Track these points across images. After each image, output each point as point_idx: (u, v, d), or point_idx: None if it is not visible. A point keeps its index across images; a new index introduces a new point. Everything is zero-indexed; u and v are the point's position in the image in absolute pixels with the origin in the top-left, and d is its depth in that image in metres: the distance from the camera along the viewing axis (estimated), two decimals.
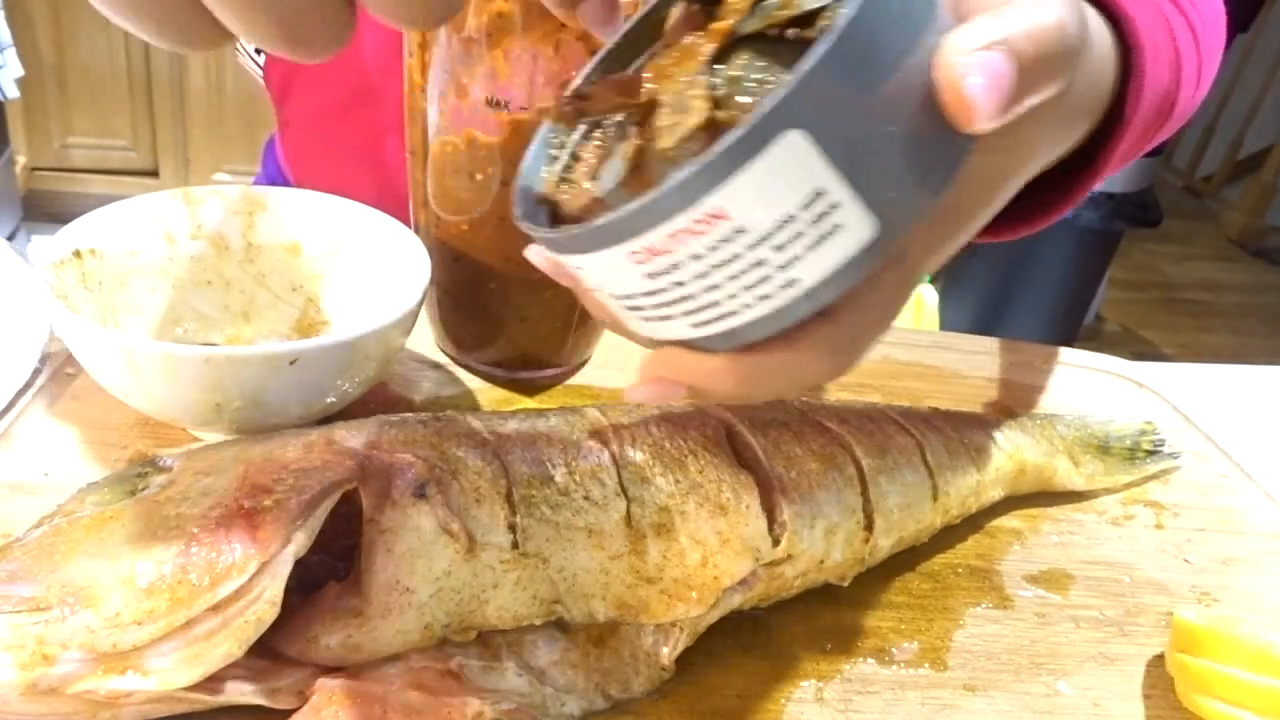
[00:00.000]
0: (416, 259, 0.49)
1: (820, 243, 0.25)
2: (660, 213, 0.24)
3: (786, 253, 0.25)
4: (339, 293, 0.54)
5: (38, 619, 0.30)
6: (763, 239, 0.25)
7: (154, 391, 0.41)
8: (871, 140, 0.24)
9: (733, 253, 0.25)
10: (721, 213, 0.24)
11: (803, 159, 0.24)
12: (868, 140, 0.24)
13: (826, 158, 0.24)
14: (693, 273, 0.26)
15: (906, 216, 0.26)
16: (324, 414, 0.45)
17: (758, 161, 0.23)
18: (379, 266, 0.52)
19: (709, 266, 0.26)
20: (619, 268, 0.27)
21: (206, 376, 0.40)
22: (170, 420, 0.44)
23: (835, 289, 0.26)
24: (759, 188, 0.24)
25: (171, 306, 0.51)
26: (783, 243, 0.25)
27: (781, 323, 0.27)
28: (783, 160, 0.23)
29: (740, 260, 0.25)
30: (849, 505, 0.43)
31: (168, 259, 0.51)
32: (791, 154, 0.23)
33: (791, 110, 0.23)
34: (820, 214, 0.25)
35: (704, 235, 0.25)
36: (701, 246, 0.25)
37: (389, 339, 0.44)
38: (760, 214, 0.24)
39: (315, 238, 0.53)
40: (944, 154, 0.26)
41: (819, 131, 0.23)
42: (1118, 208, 2.11)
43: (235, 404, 0.41)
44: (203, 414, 0.42)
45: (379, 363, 0.45)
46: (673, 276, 0.26)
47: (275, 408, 0.42)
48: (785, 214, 0.24)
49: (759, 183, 0.24)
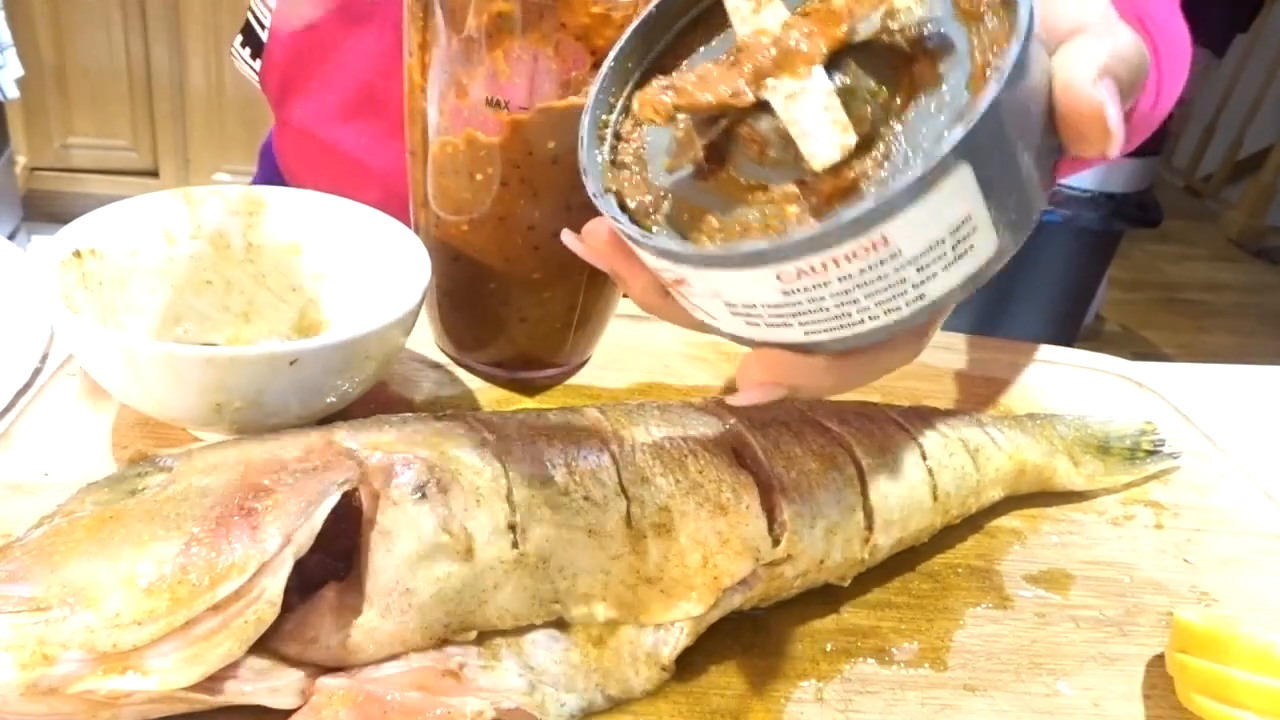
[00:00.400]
0: (416, 259, 0.49)
1: (955, 262, 0.26)
2: (828, 242, 0.25)
3: (926, 272, 0.26)
4: (339, 293, 0.54)
5: (38, 619, 0.30)
6: (910, 261, 0.26)
7: (154, 391, 0.41)
8: (1008, 165, 0.25)
9: (880, 274, 0.26)
10: (884, 240, 0.25)
11: (965, 189, 0.25)
12: (1005, 165, 0.25)
13: (981, 186, 0.25)
14: (835, 290, 0.26)
15: (1021, 231, 0.27)
16: (324, 414, 0.45)
17: (931, 194, 0.24)
18: (379, 266, 0.52)
19: (853, 285, 0.26)
20: (754, 284, 0.27)
21: (207, 376, 0.40)
22: (170, 420, 0.44)
23: (954, 299, 0.27)
24: (924, 218, 0.25)
25: (171, 306, 0.51)
26: (926, 264, 0.26)
27: (895, 330, 0.28)
28: (950, 191, 0.24)
29: (884, 280, 0.26)
30: (849, 505, 0.43)
31: (168, 259, 0.51)
32: (958, 185, 0.24)
33: (968, 146, 0.24)
34: (963, 237, 0.26)
35: (860, 260, 0.25)
36: (854, 269, 0.26)
37: (389, 339, 0.44)
38: (917, 240, 0.25)
39: (315, 238, 0.53)
40: (1049, 170, 0.27)
41: (980, 163, 0.24)
42: (1118, 208, 2.11)
43: (235, 404, 0.41)
44: (203, 414, 0.42)
45: (379, 363, 0.45)
46: (812, 294, 0.27)
47: (275, 408, 0.42)
48: (937, 239, 0.25)
49: (926, 213, 0.25)
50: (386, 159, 0.69)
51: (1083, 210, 2.11)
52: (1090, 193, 2.11)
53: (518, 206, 0.48)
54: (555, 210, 0.48)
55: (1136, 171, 2.12)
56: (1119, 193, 2.12)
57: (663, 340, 0.63)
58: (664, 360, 0.61)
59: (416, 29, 0.46)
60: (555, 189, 0.48)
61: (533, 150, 0.46)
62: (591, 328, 0.57)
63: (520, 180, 0.47)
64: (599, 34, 0.44)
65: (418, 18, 0.46)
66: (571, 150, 0.46)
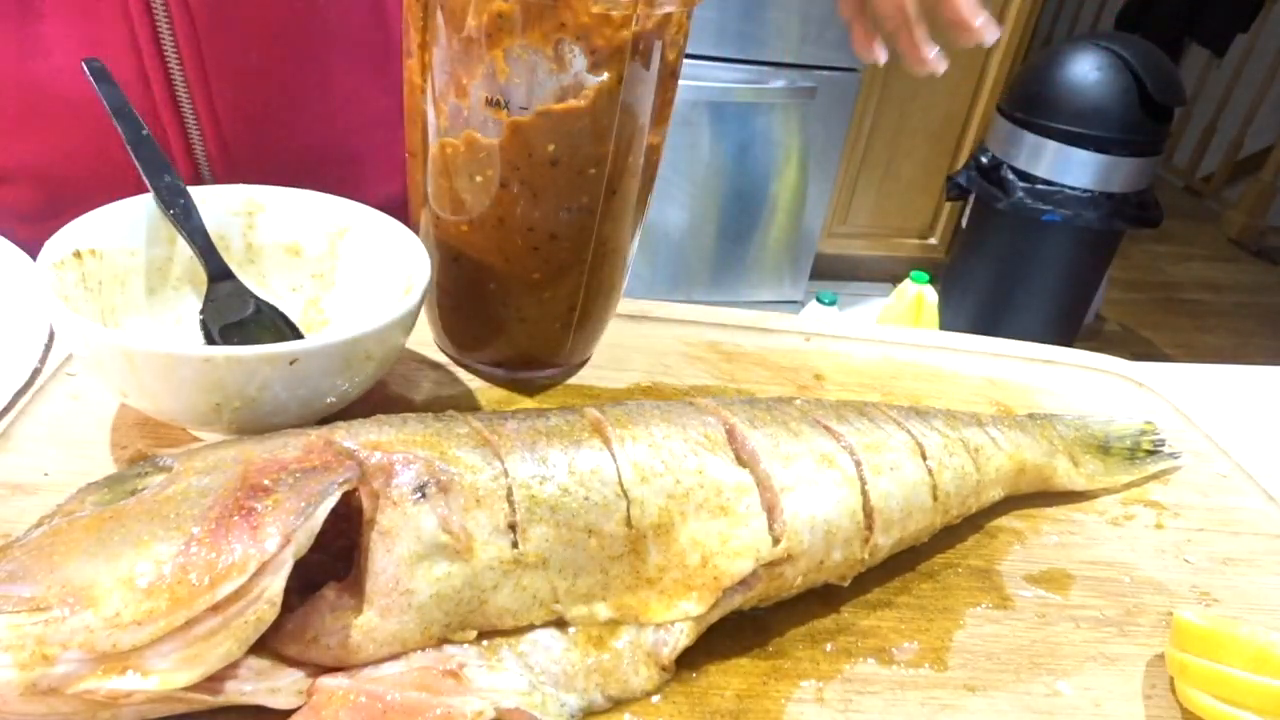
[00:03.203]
0: (416, 259, 0.49)
1: None
2: None
3: None
4: (339, 293, 0.54)
5: (38, 619, 0.30)
6: None
7: (154, 391, 0.41)
8: None
9: None
10: None
11: None
12: None
13: None
14: None
15: None
16: (324, 414, 0.45)
17: None
18: (379, 266, 0.52)
19: None
20: None
21: (206, 376, 0.40)
22: (170, 420, 0.44)
23: None
24: None
25: (171, 307, 0.51)
26: None
27: None
28: None
29: None
30: (849, 505, 0.43)
31: (167, 259, 0.51)
32: None
33: None
34: None
35: None
36: None
37: (389, 339, 0.44)
38: None
39: (315, 238, 0.53)
40: None
41: None
42: (1118, 208, 2.11)
43: (235, 404, 0.41)
44: (203, 414, 0.42)
45: (379, 363, 0.45)
46: None
47: (274, 407, 0.42)
48: None
49: None
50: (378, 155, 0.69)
51: (1083, 210, 2.11)
52: (1090, 193, 2.11)
53: (517, 208, 0.48)
54: (555, 212, 0.48)
55: (1136, 171, 2.12)
56: (1119, 193, 2.12)
57: (663, 340, 0.63)
58: (664, 360, 0.61)
59: (416, 29, 0.46)
60: (555, 191, 0.48)
61: (532, 153, 0.46)
62: (591, 328, 0.57)
63: (520, 182, 0.47)
64: (599, 34, 0.44)
65: (418, 18, 0.46)
66: (570, 152, 0.46)
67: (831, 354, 0.65)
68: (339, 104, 0.66)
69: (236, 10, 0.59)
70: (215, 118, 0.61)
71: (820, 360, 0.64)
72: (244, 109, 0.61)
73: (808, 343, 0.66)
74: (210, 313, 0.50)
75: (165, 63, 0.58)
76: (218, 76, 0.59)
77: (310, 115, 0.65)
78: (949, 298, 2.31)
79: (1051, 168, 2.12)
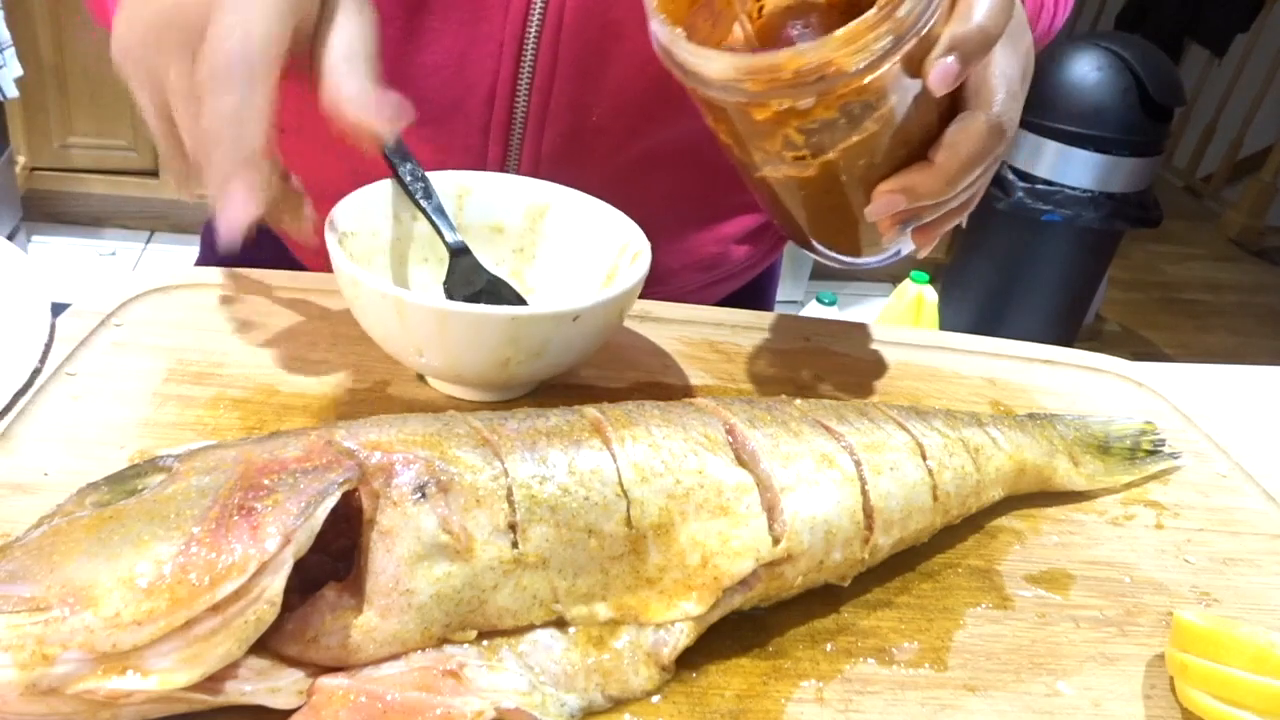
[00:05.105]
0: (628, 231, 0.54)
1: None
2: None
3: None
4: (540, 265, 0.59)
5: (38, 619, 0.30)
6: None
7: (457, 351, 0.47)
8: None
9: None
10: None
11: None
12: None
13: None
14: None
15: None
16: (574, 366, 0.52)
17: None
18: (581, 240, 0.57)
19: None
20: None
21: (506, 333, 0.46)
22: (453, 379, 0.52)
23: None
24: None
25: (397, 281, 0.56)
26: None
27: None
28: None
29: None
30: (849, 505, 0.43)
31: (396, 239, 0.56)
32: None
33: None
34: None
35: None
36: None
37: (630, 300, 0.51)
38: None
39: (515, 218, 0.58)
40: None
41: None
42: (1118, 208, 2.12)
43: (521, 357, 0.47)
44: (492, 368, 0.48)
45: (618, 324, 0.53)
46: None
47: (553, 361, 0.49)
48: None
49: None
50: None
51: (1083, 210, 2.11)
52: (1090, 193, 2.11)
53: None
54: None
55: (1136, 171, 2.12)
56: (1119, 193, 2.12)
57: (663, 340, 0.63)
58: (664, 360, 0.61)
59: (708, 117, 0.47)
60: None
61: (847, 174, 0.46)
62: None
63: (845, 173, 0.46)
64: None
65: (705, 114, 0.47)
66: (887, 158, 0.46)
67: (831, 354, 0.65)
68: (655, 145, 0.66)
69: (601, 46, 0.60)
70: (541, 130, 0.63)
71: (820, 360, 0.64)
72: (567, 124, 0.63)
73: (808, 343, 0.66)
74: (453, 283, 0.55)
75: (520, 63, 0.60)
76: (560, 92, 0.61)
77: (626, 158, 0.66)
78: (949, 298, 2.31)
79: (1051, 168, 2.13)
